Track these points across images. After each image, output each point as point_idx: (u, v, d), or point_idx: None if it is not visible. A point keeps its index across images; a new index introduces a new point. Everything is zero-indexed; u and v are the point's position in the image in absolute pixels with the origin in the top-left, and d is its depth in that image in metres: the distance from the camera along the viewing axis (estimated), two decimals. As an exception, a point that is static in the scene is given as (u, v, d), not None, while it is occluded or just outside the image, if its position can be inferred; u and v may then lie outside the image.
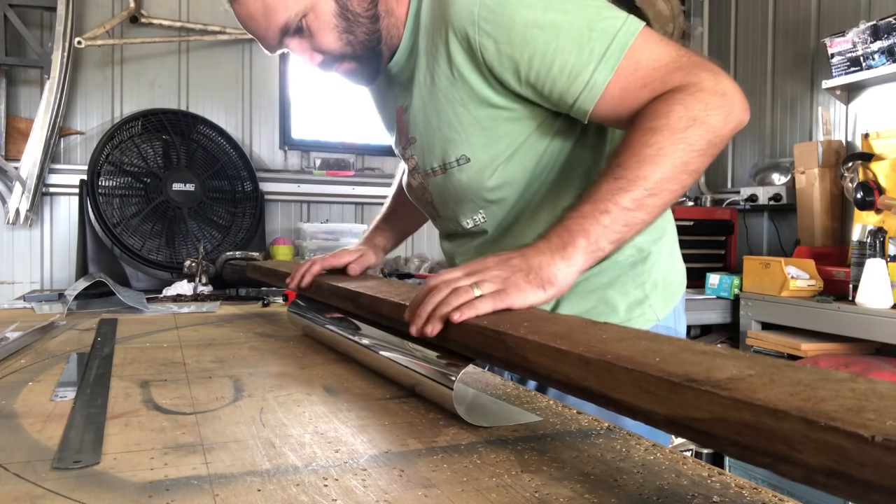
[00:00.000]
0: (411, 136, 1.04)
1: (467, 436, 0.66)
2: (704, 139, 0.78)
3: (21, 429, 0.68)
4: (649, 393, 0.46)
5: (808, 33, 3.01)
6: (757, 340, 2.57)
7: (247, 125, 2.93)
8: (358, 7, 0.93)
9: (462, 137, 0.96)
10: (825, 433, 0.34)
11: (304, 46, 0.96)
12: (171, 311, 1.64)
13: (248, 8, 0.93)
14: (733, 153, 3.42)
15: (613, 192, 0.76)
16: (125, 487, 0.52)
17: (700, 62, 0.82)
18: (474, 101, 0.93)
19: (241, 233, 2.65)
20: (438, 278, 0.75)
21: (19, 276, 2.60)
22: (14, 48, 2.50)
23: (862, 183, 2.51)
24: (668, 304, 1.05)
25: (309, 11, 0.92)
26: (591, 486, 0.54)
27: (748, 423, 0.38)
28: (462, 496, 0.51)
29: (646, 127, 0.79)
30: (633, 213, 0.76)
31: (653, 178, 0.76)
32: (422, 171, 1.06)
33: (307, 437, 0.65)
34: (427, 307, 0.71)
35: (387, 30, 0.97)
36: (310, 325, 1.18)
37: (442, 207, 1.08)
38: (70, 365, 0.99)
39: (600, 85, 0.83)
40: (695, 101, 0.79)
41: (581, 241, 0.74)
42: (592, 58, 0.83)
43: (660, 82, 0.82)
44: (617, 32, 0.82)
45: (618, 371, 0.49)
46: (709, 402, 0.41)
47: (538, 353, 0.57)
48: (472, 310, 0.68)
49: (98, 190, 2.43)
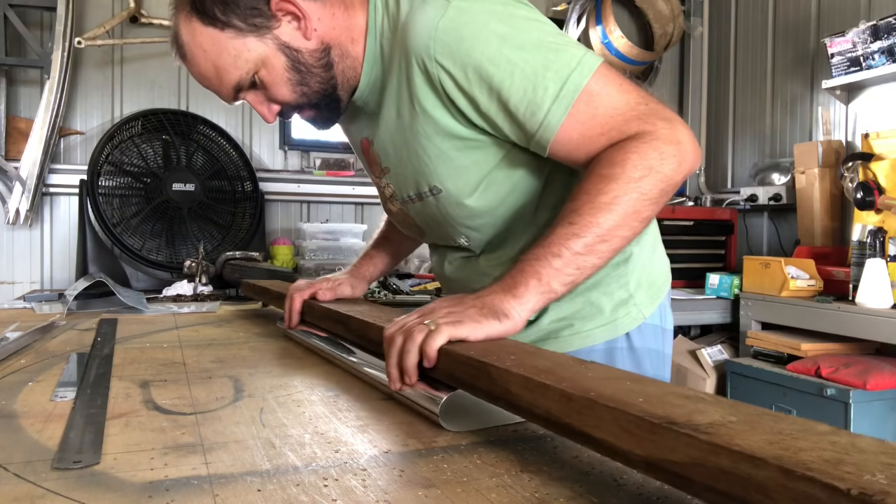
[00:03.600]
0: (384, 167, 1.04)
1: (467, 436, 0.66)
2: (658, 188, 0.81)
3: (21, 429, 0.68)
4: (629, 433, 0.45)
5: (808, 33, 3.01)
6: (757, 340, 2.57)
7: (247, 125, 2.93)
8: (310, 58, 0.92)
9: (430, 168, 0.96)
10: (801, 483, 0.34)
11: (260, 99, 0.96)
12: (171, 311, 1.64)
13: (199, 69, 0.94)
14: (733, 153, 3.42)
15: (567, 237, 0.79)
16: (125, 487, 0.52)
17: (656, 110, 0.83)
18: (439, 134, 0.92)
19: (241, 233, 2.65)
20: (391, 328, 0.76)
21: (19, 276, 2.60)
22: (14, 48, 2.50)
23: (862, 183, 2.52)
24: (654, 302, 1.06)
25: (261, 67, 0.92)
26: (591, 486, 0.54)
27: (725, 469, 0.38)
28: (462, 496, 0.51)
29: (602, 174, 0.81)
30: (584, 258, 0.79)
31: (605, 226, 0.79)
32: (399, 199, 1.06)
33: (307, 438, 0.65)
34: (392, 362, 0.73)
35: (342, 74, 0.96)
36: (300, 339, 1.19)
37: (427, 229, 1.09)
38: (70, 365, 0.99)
39: (555, 124, 0.84)
40: (650, 150, 0.80)
41: (532, 282, 0.77)
42: (547, 97, 0.83)
43: (617, 131, 0.83)
44: (571, 72, 0.83)
45: (599, 409, 0.49)
46: (687, 446, 0.41)
47: (521, 387, 0.57)
48: (432, 343, 0.70)
49: (98, 190, 2.43)
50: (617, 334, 1.02)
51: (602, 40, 3.21)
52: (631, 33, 3.42)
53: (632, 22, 3.47)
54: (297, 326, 1.19)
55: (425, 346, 0.70)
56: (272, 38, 0.91)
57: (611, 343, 1.02)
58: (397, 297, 2.23)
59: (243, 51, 0.90)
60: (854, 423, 2.08)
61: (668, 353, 1.10)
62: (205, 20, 0.90)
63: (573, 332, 1.01)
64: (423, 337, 0.71)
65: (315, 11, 0.92)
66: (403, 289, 2.34)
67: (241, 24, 0.89)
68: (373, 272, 1.34)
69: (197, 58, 0.93)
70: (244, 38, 0.90)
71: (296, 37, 0.91)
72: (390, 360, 0.74)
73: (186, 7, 0.91)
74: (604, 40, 3.20)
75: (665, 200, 0.83)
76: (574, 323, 1.02)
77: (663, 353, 1.08)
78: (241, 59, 0.91)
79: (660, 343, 1.07)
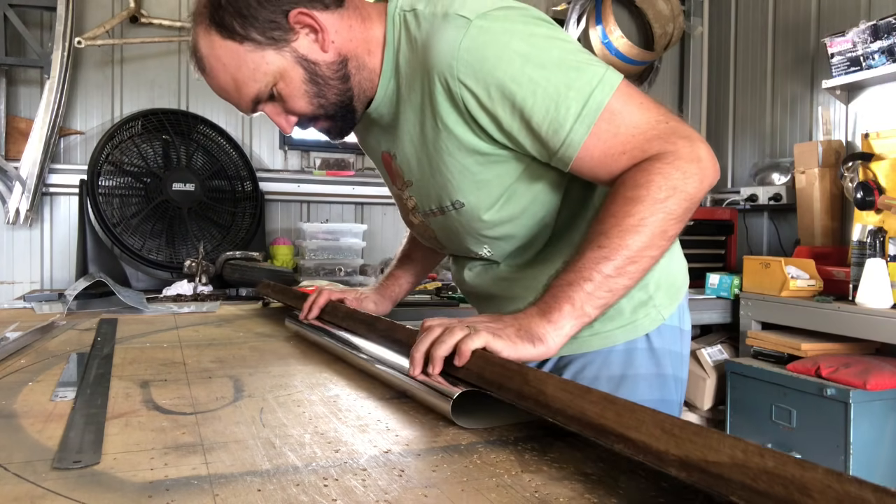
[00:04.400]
0: (407, 180, 1.04)
1: (467, 436, 0.66)
2: (682, 207, 0.82)
3: (21, 429, 0.68)
4: (670, 434, 0.47)
5: (808, 33, 3.01)
6: (757, 340, 2.57)
7: (247, 125, 2.93)
8: (327, 70, 0.93)
9: (454, 184, 0.97)
10: (849, 484, 0.35)
11: (278, 110, 0.97)
12: (171, 311, 1.64)
13: (218, 82, 0.94)
14: (733, 153, 3.42)
15: (597, 260, 0.80)
16: (125, 487, 0.52)
17: (676, 128, 0.84)
18: (461, 150, 0.93)
19: (241, 233, 2.65)
20: (433, 320, 0.79)
21: (19, 276, 2.60)
22: (14, 48, 2.50)
23: (862, 183, 2.51)
24: (673, 303, 1.06)
25: (279, 80, 0.92)
26: (591, 486, 0.54)
27: (768, 470, 0.39)
28: (462, 496, 0.51)
29: (627, 196, 0.82)
30: (615, 280, 0.81)
31: (634, 247, 0.80)
32: (422, 212, 1.07)
33: (307, 438, 0.65)
34: (422, 347, 0.76)
35: (359, 85, 0.96)
36: (306, 333, 1.20)
37: (447, 242, 1.10)
38: (70, 365, 0.99)
39: (577, 143, 0.85)
40: (673, 170, 0.82)
41: (567, 308, 0.79)
42: (569, 116, 0.84)
43: (639, 150, 0.84)
44: (593, 91, 0.83)
45: (641, 411, 0.51)
46: (731, 447, 0.43)
47: (558, 389, 0.60)
48: (469, 342, 0.72)
49: (98, 190, 2.43)
50: (636, 335, 1.02)
51: (602, 40, 3.21)
52: (631, 33, 3.42)
53: (632, 22, 3.47)
54: (310, 320, 1.21)
55: (461, 344, 0.73)
56: (290, 50, 0.91)
57: (630, 344, 1.02)
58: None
59: (262, 64, 0.91)
60: (854, 423, 2.08)
61: (686, 353, 1.11)
62: (224, 33, 0.90)
63: (593, 332, 1.01)
64: (462, 335, 0.73)
65: (333, 24, 0.92)
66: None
67: (260, 37, 0.89)
68: (398, 293, 1.37)
69: (216, 71, 0.93)
70: (263, 52, 0.90)
71: (313, 49, 0.92)
72: (421, 344, 0.76)
73: (206, 20, 0.91)
74: (604, 40, 3.20)
75: (689, 217, 0.85)
76: (594, 324, 1.01)
77: (682, 355, 1.08)
78: (260, 73, 0.91)
79: (678, 344, 1.07)
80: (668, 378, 1.04)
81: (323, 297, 1.23)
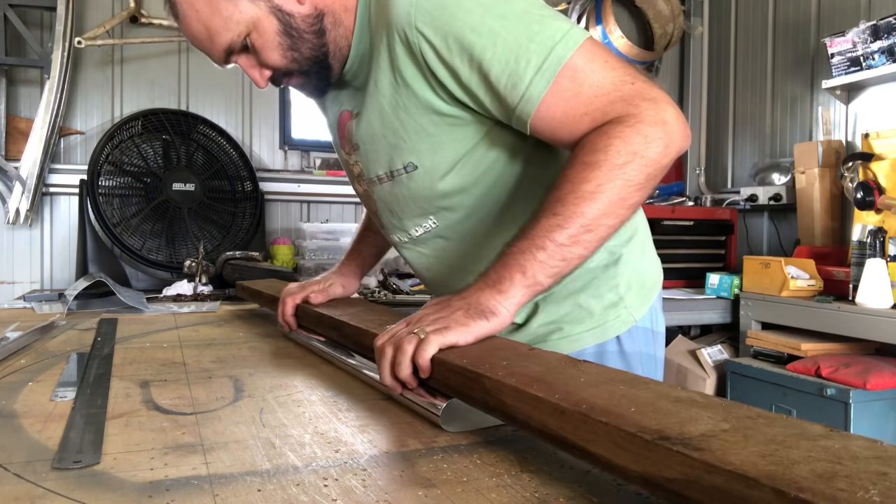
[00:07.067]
0: (354, 143, 1.02)
1: (467, 436, 0.66)
2: (644, 173, 0.78)
3: (21, 429, 0.68)
4: (624, 449, 0.45)
5: (808, 33, 3.01)
6: (757, 340, 2.57)
7: (247, 125, 2.93)
8: (302, 23, 0.92)
9: (408, 144, 0.94)
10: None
11: (252, 62, 0.95)
12: (171, 311, 1.64)
13: (191, 29, 0.93)
14: (733, 153, 3.42)
15: (551, 228, 0.77)
16: (125, 487, 0.52)
17: (642, 90, 0.81)
18: (418, 108, 0.91)
19: (241, 233, 2.65)
20: (381, 338, 0.76)
21: (19, 276, 2.60)
22: (14, 48, 2.50)
23: (862, 183, 2.51)
24: (645, 304, 1.04)
25: (252, 30, 0.91)
26: (591, 486, 0.54)
27: (719, 488, 0.38)
28: (462, 496, 0.51)
29: (585, 161, 0.79)
30: (569, 249, 0.77)
31: (590, 215, 0.77)
32: (367, 179, 1.04)
33: (307, 438, 0.65)
34: (385, 374, 0.73)
35: (334, 42, 0.95)
36: (298, 339, 1.19)
37: (386, 216, 1.06)
38: (70, 365, 0.99)
39: (536, 97, 0.82)
40: (634, 133, 0.78)
41: (517, 276, 0.76)
42: (529, 68, 0.81)
43: (600, 112, 0.80)
44: (556, 45, 0.80)
45: (593, 423, 0.48)
46: (680, 464, 0.41)
47: (515, 399, 0.57)
48: (423, 354, 0.70)
49: (98, 190, 2.43)
50: (606, 337, 1.00)
51: (602, 40, 3.21)
52: (631, 33, 3.42)
53: (632, 22, 3.47)
54: (296, 330, 1.19)
55: (417, 358, 0.70)
56: (265, 0, 0.90)
57: (601, 347, 1.00)
58: (397, 296, 2.23)
59: (235, 13, 0.89)
60: (854, 423, 2.08)
61: (661, 356, 1.09)
62: None
63: (562, 335, 0.99)
64: (414, 348, 0.71)
65: None
66: (403, 288, 2.34)
67: None
68: (362, 266, 1.32)
69: (189, 18, 0.91)
70: (237, 0, 0.89)
71: (288, 1, 0.91)
72: (383, 371, 0.74)
73: None
74: (604, 40, 3.20)
75: (653, 185, 0.81)
76: (563, 326, 1.00)
77: (655, 357, 1.06)
78: (233, 21, 0.90)
79: (651, 346, 1.05)
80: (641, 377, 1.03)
81: (289, 307, 1.18)
